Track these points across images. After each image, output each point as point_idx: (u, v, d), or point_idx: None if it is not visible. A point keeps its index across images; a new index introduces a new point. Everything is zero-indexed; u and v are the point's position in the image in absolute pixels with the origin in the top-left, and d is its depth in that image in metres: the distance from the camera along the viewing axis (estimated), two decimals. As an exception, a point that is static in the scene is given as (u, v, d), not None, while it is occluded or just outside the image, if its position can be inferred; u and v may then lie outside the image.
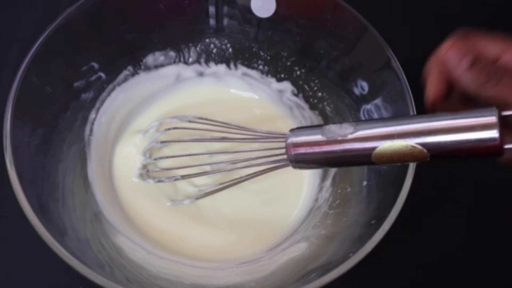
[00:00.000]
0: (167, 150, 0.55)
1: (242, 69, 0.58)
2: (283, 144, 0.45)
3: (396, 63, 0.48)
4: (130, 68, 0.56)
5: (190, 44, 0.57)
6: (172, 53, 0.57)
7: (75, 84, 0.51)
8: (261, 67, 0.58)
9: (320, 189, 0.54)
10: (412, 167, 0.43)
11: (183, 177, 0.52)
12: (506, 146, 0.35)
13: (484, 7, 0.66)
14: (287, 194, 0.55)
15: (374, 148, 0.39)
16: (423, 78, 0.40)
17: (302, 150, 0.43)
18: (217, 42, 0.57)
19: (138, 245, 0.50)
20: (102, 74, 0.54)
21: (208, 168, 0.53)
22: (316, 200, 0.54)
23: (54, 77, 0.49)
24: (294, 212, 0.54)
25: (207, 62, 0.58)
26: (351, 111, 0.52)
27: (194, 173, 0.52)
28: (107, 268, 0.43)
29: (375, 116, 0.50)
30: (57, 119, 0.49)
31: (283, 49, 0.56)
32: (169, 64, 0.57)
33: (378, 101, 0.50)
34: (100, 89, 0.54)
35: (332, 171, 0.54)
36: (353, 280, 0.43)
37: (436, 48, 0.39)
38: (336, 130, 0.41)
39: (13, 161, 0.42)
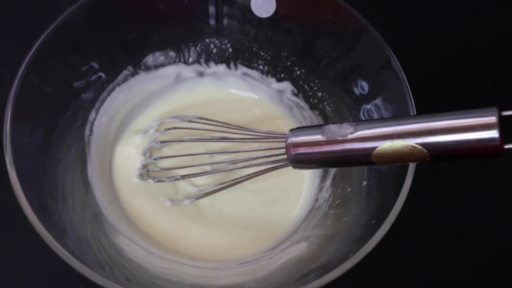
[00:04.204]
0: (167, 150, 0.55)
1: (242, 69, 0.58)
2: (283, 144, 0.45)
3: (396, 63, 0.48)
4: (130, 68, 0.56)
5: (190, 44, 0.57)
6: (172, 53, 0.57)
7: (75, 84, 0.51)
8: (261, 67, 0.58)
9: (320, 189, 0.54)
10: (412, 167, 0.43)
11: (183, 177, 0.52)
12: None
13: (484, 8, 0.66)
14: (287, 194, 0.55)
15: (374, 148, 0.39)
16: None
17: (302, 150, 0.43)
18: (217, 42, 0.57)
19: (138, 245, 0.50)
20: (102, 74, 0.54)
21: (208, 168, 0.53)
22: (316, 200, 0.54)
23: (54, 77, 0.49)
24: (294, 212, 0.54)
25: (207, 62, 0.58)
26: (351, 111, 0.52)
27: (194, 173, 0.52)
28: (107, 268, 0.43)
29: (375, 116, 0.50)
30: (57, 119, 0.49)
31: (283, 49, 0.56)
32: (169, 64, 0.57)
33: (378, 101, 0.50)
34: (100, 89, 0.54)
35: (332, 171, 0.54)
36: (353, 280, 0.43)
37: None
38: (336, 130, 0.41)
39: (13, 161, 0.42)
